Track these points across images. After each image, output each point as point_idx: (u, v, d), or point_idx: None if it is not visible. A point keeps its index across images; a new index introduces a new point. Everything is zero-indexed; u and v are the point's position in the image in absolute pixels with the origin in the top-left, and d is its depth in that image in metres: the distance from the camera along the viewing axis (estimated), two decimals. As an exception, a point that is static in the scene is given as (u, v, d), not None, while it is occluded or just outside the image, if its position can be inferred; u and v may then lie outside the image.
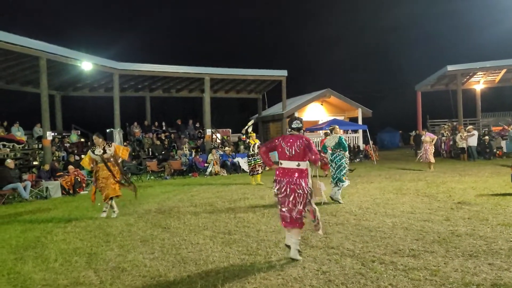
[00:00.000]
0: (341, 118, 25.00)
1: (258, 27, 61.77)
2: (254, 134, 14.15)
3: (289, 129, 5.46)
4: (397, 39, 53.66)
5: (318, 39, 59.57)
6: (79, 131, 20.80)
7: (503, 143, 20.16)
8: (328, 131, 10.35)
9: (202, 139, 21.18)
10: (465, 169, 15.49)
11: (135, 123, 21.84)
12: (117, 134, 16.81)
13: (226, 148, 18.99)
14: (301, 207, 5.14)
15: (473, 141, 19.96)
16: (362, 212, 7.89)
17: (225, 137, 23.13)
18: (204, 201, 10.18)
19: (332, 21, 62.22)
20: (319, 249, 5.52)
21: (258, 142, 13.61)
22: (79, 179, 13.20)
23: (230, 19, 61.14)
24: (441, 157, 21.12)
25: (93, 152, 8.70)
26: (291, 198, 5.13)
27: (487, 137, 20.84)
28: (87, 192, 12.80)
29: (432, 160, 15.35)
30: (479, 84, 27.74)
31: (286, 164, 5.23)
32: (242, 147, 20.65)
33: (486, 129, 24.32)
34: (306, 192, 5.17)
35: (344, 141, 9.24)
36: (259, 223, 7.27)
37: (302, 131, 5.45)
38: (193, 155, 18.12)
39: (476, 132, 20.39)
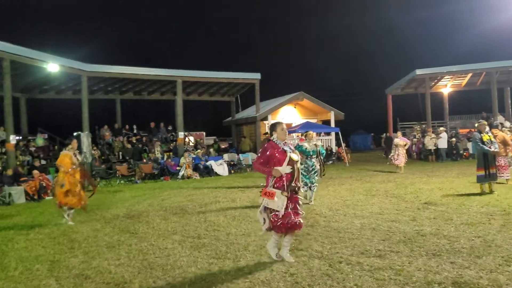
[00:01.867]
0: (314, 121, 25.21)
1: (232, 30, 61.76)
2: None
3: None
4: (369, 43, 54.62)
5: (291, 42, 60.01)
6: (46, 135, 20.20)
7: (469, 145, 20.75)
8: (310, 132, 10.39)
9: (174, 142, 20.95)
10: (433, 170, 15.87)
11: (105, 126, 21.42)
12: (85, 138, 16.41)
13: (198, 151, 18.82)
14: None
15: (442, 143, 20.51)
16: (332, 213, 7.96)
17: (199, 140, 22.94)
18: (174, 205, 10.05)
19: (306, 25, 62.93)
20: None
21: None
22: (44, 184, 12.80)
23: (203, 22, 60.93)
24: (411, 158, 21.55)
25: (75, 155, 8.43)
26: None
27: (454, 139, 21.45)
28: (52, 197, 12.44)
29: (403, 163, 15.62)
30: (446, 87, 28.49)
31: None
32: (212, 150, 20.56)
33: (453, 131, 24.98)
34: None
35: (323, 149, 9.63)
36: (229, 227, 7.23)
37: (272, 136, 5.30)
38: (165, 159, 17.89)
39: (445, 134, 20.95)
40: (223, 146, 23.47)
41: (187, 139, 21.42)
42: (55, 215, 9.00)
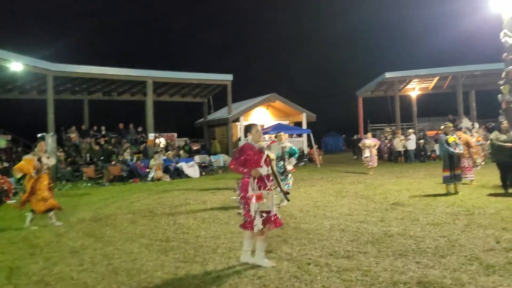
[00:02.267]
0: (286, 122, 25.33)
1: (205, 31, 61.50)
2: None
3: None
4: (342, 46, 55.34)
5: (263, 44, 60.24)
6: (9, 136, 19.48)
7: (436, 147, 21.27)
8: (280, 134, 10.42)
9: (144, 144, 20.61)
10: (402, 171, 16.18)
11: (73, 128, 20.85)
12: (50, 139, 15.92)
13: (169, 152, 18.57)
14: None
15: (411, 145, 20.98)
16: (302, 215, 7.96)
17: (170, 141, 22.64)
18: (143, 207, 9.86)
19: (278, 27, 63.26)
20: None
21: None
22: (5, 188, 12.32)
23: (176, 22, 60.37)
24: (382, 160, 21.92)
25: (39, 159, 8.12)
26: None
27: (422, 141, 21.97)
28: (14, 201, 11.97)
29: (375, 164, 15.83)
30: (414, 90, 29.16)
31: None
32: (182, 152, 20.32)
33: (421, 133, 25.57)
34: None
35: (294, 148, 9.61)
36: (198, 229, 7.13)
37: (246, 138, 5.27)
38: (134, 160, 17.56)
39: (413, 136, 21.44)
40: (195, 148, 23.27)
41: (157, 141, 21.10)
42: (17, 219, 8.66)
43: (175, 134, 24.68)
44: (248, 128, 5.25)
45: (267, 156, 5.15)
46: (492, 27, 11.56)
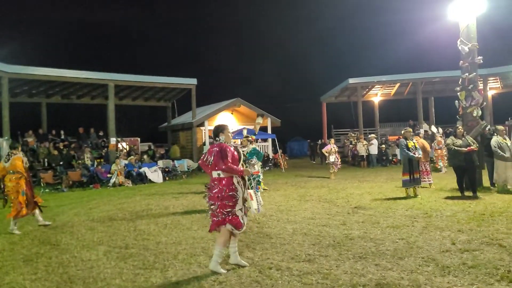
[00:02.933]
0: (250, 127, 25.28)
1: (169, 34, 60.84)
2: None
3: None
4: (307, 52, 56.15)
5: (228, 48, 60.26)
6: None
7: (397, 151, 21.84)
8: (251, 138, 10.43)
9: (106, 149, 20.08)
10: (364, 175, 16.48)
11: (30, 132, 20.07)
12: (4, 143, 15.27)
13: (131, 157, 18.16)
14: (216, 209, 5.00)
15: (373, 149, 21.45)
16: (265, 219, 7.94)
17: (133, 146, 22.18)
18: (103, 214, 9.56)
19: (243, 32, 63.45)
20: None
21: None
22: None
23: (139, 26, 59.45)
24: (346, 164, 22.27)
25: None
26: (211, 204, 5.05)
27: (384, 146, 22.52)
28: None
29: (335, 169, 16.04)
30: (377, 96, 29.92)
31: (212, 174, 5.07)
32: (145, 156, 19.94)
33: (383, 138, 26.21)
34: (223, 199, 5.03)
35: (259, 151, 9.80)
36: (159, 235, 6.98)
37: (218, 139, 5.19)
38: (95, 166, 17.06)
39: (375, 141, 21.93)
40: (162, 152, 22.89)
41: (119, 145, 20.62)
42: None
43: (139, 139, 24.21)
44: (220, 129, 5.21)
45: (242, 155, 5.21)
46: (450, 35, 11.96)
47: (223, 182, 4.94)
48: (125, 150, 20.43)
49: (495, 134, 10.38)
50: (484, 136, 11.12)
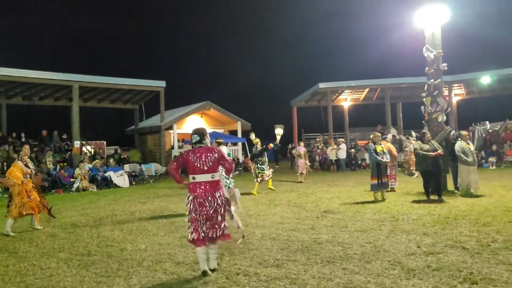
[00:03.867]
0: (220, 131, 25.21)
1: (139, 36, 59.99)
2: (259, 140, 13.44)
3: (192, 145, 5.23)
4: (276, 56, 56.49)
5: (198, 51, 59.90)
6: None
7: (366, 156, 22.19)
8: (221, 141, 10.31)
9: (69, 152, 19.47)
10: (334, 179, 16.60)
11: (-12, 134, 19.25)
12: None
13: (96, 161, 17.66)
14: (222, 219, 5.00)
15: (342, 154, 21.68)
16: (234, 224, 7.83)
17: (98, 149, 21.59)
18: (65, 220, 9.21)
19: (214, 36, 63.26)
20: (185, 265, 5.31)
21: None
22: None
23: (106, 26, 58.27)
24: (314, 169, 22.41)
25: (25, 163, 8.25)
26: (211, 213, 4.90)
27: (353, 150, 22.82)
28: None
29: (304, 172, 16.11)
30: (347, 101, 30.34)
31: (200, 178, 4.96)
32: (111, 161, 19.46)
33: (353, 142, 26.57)
34: (224, 203, 5.03)
35: (230, 155, 9.48)
36: (124, 242, 6.78)
37: (204, 142, 5.16)
38: (57, 169, 16.49)
39: (344, 145, 22.17)
40: (123, 157, 22.36)
41: (84, 149, 20.03)
42: None
43: (104, 142, 23.60)
44: (204, 132, 5.22)
45: None
46: (417, 42, 12.22)
47: (219, 185, 5.11)
48: (89, 154, 19.85)
49: (459, 139, 10.64)
50: (448, 141, 11.40)
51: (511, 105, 28.93)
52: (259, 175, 12.73)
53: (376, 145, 10.25)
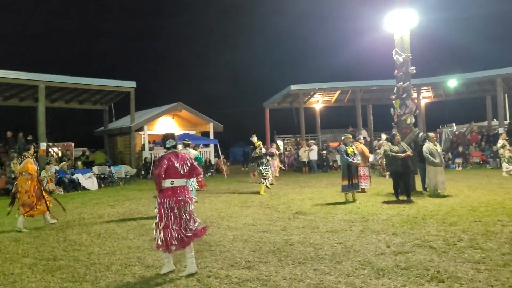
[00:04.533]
0: (192, 132, 24.97)
1: (109, 36, 58.89)
2: (261, 143, 13.65)
3: (166, 149, 5.22)
4: (249, 58, 56.60)
5: (170, 52, 59.31)
6: None
7: (337, 157, 22.44)
8: (189, 143, 10.23)
9: (35, 154, 18.85)
10: (306, 181, 16.72)
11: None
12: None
13: (63, 163, 17.18)
14: (193, 221, 5.10)
15: (313, 155, 21.85)
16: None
17: (65, 151, 21.02)
18: (29, 224, 8.84)
19: (187, 36, 62.82)
20: (155, 268, 5.22)
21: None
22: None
23: (77, 27, 57.02)
24: (284, 170, 22.50)
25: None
26: (185, 217, 4.97)
27: (325, 152, 23.05)
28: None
29: (276, 174, 16.16)
30: (318, 103, 30.63)
31: (178, 182, 5.04)
32: (79, 163, 18.99)
33: (325, 144, 26.84)
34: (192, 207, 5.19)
35: (200, 157, 9.82)
36: (92, 245, 6.60)
37: (177, 147, 5.32)
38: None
39: (315, 147, 22.36)
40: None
41: (50, 150, 19.44)
42: None
43: (72, 144, 23.00)
44: (176, 137, 5.41)
45: None
46: (387, 45, 12.44)
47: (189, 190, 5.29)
48: (56, 156, 19.28)
49: (427, 140, 10.90)
50: (417, 142, 11.65)
51: (476, 108, 30.01)
52: (263, 175, 12.90)
53: (347, 147, 10.37)
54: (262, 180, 12.91)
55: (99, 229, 7.92)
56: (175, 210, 4.93)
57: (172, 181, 5.01)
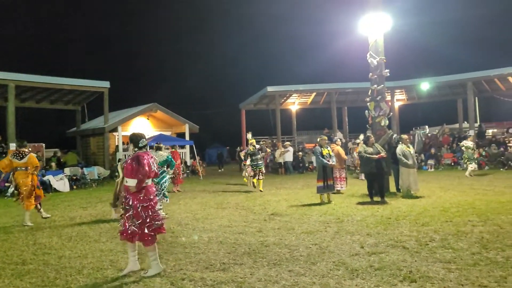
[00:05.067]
0: (168, 133, 24.71)
1: (83, 36, 57.75)
2: (254, 140, 14.32)
3: (138, 148, 5.16)
4: (227, 59, 56.41)
5: (145, 52, 58.57)
6: None
7: (313, 158, 22.60)
8: (160, 146, 10.20)
9: (4, 155, 18.29)
10: (282, 182, 16.76)
11: None
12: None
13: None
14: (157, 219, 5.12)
15: (289, 157, 21.95)
16: (180, 228, 7.70)
17: (36, 152, 20.41)
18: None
19: (162, 37, 62.17)
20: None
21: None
22: None
23: (49, 25, 55.66)
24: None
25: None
26: (151, 214, 5.04)
27: (300, 153, 23.18)
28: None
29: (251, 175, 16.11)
30: (294, 105, 30.81)
31: (149, 181, 5.13)
32: (53, 164, 18.53)
33: (300, 145, 27.00)
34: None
35: (171, 159, 9.65)
36: (63, 249, 6.43)
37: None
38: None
39: (291, 148, 22.46)
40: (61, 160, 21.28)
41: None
42: None
43: (43, 145, 22.35)
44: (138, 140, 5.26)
45: None
46: (362, 48, 12.61)
47: (152, 191, 5.19)
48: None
49: (400, 142, 11.09)
50: (390, 144, 11.85)
51: (448, 110, 30.77)
52: (257, 171, 13.45)
53: (322, 148, 10.44)
54: (260, 175, 13.43)
55: (70, 232, 7.72)
56: (147, 208, 4.95)
57: (147, 182, 5.06)
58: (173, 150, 15.71)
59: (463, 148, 16.10)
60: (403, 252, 5.47)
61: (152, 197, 5.05)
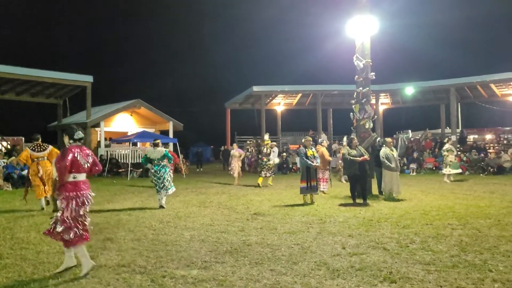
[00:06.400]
0: (151, 130, 24.52)
1: (65, 30, 56.90)
2: (270, 141, 15.99)
3: (73, 140, 5.10)
4: (212, 58, 56.29)
5: (130, 48, 58.11)
6: None
7: (297, 159, 22.67)
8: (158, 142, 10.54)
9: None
10: (265, 182, 16.73)
11: None
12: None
13: (12, 158, 16.39)
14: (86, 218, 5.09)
15: (274, 156, 21.93)
16: (162, 226, 7.63)
17: (16, 146, 20.03)
18: None
19: (150, 35, 61.73)
20: (108, 268, 5.06)
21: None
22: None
23: (33, 17, 54.72)
24: (246, 171, 22.50)
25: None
26: (82, 212, 4.93)
27: (285, 154, 23.22)
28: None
29: (238, 174, 16.11)
30: (280, 105, 30.89)
31: (80, 177, 4.99)
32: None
33: (285, 146, 27.06)
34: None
35: (169, 154, 10.25)
36: (41, 244, 6.32)
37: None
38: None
39: (276, 149, 22.46)
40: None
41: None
42: None
43: (23, 138, 21.93)
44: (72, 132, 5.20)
45: None
46: (348, 51, 12.69)
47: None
48: (4, 150, 18.34)
49: (384, 145, 11.19)
50: (374, 147, 11.94)
51: (431, 115, 31.29)
52: (266, 168, 15.03)
53: (307, 149, 10.47)
54: (268, 173, 15.04)
55: (48, 227, 7.56)
56: (80, 204, 4.91)
57: (75, 175, 4.93)
58: None
59: (444, 153, 16.26)
60: (384, 253, 5.51)
61: (75, 194, 4.86)
